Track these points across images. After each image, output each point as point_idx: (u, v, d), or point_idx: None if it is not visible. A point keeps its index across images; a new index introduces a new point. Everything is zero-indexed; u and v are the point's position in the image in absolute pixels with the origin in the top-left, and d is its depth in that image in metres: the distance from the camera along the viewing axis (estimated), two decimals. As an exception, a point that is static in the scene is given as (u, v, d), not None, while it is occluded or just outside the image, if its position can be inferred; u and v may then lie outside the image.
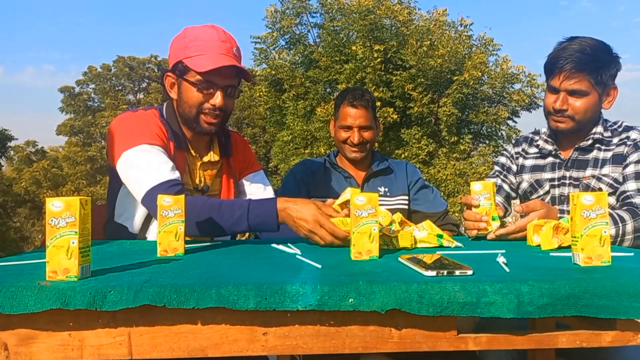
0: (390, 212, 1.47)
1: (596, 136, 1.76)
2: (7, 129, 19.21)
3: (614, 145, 1.75)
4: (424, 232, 1.39)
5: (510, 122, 12.94)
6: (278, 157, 12.74)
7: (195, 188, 1.72)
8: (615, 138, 1.76)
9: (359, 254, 1.16)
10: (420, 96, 11.46)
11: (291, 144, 12.29)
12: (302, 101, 12.23)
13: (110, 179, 1.74)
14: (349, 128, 2.18)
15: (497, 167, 2.01)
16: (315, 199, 1.46)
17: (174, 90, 1.68)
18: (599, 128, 1.77)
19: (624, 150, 1.72)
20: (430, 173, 11.24)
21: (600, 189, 1.71)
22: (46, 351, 0.88)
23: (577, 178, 1.77)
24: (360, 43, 11.51)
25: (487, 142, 12.94)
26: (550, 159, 1.86)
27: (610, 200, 1.70)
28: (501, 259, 1.07)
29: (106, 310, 0.86)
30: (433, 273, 0.94)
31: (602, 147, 1.76)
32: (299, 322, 0.89)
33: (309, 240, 1.40)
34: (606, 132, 1.77)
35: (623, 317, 0.89)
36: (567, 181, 1.79)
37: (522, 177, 1.91)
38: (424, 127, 11.84)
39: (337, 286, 0.87)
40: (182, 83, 1.64)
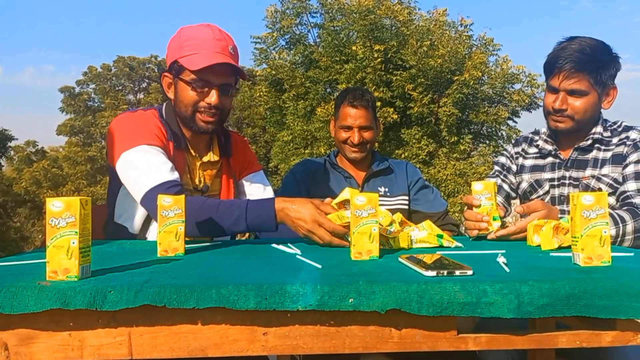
0: (391, 212, 1.47)
1: (596, 136, 1.76)
2: (7, 129, 19.25)
3: (613, 145, 1.75)
4: (424, 232, 1.39)
5: (510, 122, 12.96)
6: (278, 157, 12.74)
7: (195, 188, 1.72)
8: (615, 138, 1.76)
9: (359, 254, 1.16)
10: (421, 96, 11.46)
11: (291, 144, 12.30)
12: (302, 101, 12.24)
13: (110, 179, 1.74)
14: (349, 128, 2.18)
15: (497, 167, 2.01)
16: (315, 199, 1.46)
17: (171, 90, 1.68)
18: (599, 128, 1.77)
19: (623, 150, 1.72)
20: (430, 173, 11.24)
21: (600, 189, 1.71)
22: (46, 351, 0.88)
23: (576, 178, 1.77)
24: (360, 43, 11.52)
25: (487, 142, 12.95)
26: (550, 159, 1.86)
27: (610, 200, 1.69)
28: (501, 259, 1.07)
29: (106, 310, 0.86)
30: (433, 273, 0.94)
31: (602, 147, 1.76)
32: (299, 322, 0.89)
33: (308, 239, 1.40)
34: (606, 132, 1.77)
35: (623, 317, 0.89)
36: (567, 181, 1.79)
37: (521, 177, 1.91)
38: (424, 127, 11.84)
39: (337, 286, 0.87)
40: (178, 82, 1.64)
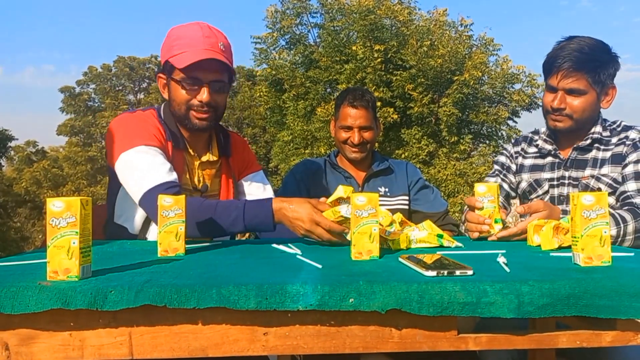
0: (391, 212, 1.47)
1: (595, 136, 1.76)
2: (7, 129, 19.29)
3: (612, 145, 1.75)
4: (424, 232, 1.39)
5: (510, 122, 12.98)
6: (278, 157, 12.75)
7: (194, 188, 1.71)
8: (614, 138, 1.76)
9: (360, 254, 1.16)
10: (421, 96, 11.47)
11: (291, 144, 12.30)
12: (302, 101, 12.24)
13: (109, 179, 1.73)
14: (349, 128, 2.18)
15: (496, 166, 2.01)
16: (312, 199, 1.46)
17: (166, 90, 1.69)
18: (598, 128, 1.77)
19: (623, 150, 1.72)
20: (430, 173, 11.25)
21: (599, 189, 1.71)
22: (47, 351, 0.88)
23: (576, 178, 1.77)
24: (360, 43, 11.53)
25: (487, 142, 12.96)
26: (549, 159, 1.86)
27: (610, 200, 1.69)
28: (501, 259, 1.07)
29: (107, 310, 0.86)
30: (433, 273, 0.94)
31: (601, 147, 1.76)
32: (299, 322, 0.89)
33: (308, 239, 1.40)
34: (605, 132, 1.77)
35: (623, 317, 0.89)
36: (566, 181, 1.79)
37: (521, 177, 1.91)
38: (424, 127, 11.85)
39: (338, 286, 0.87)
40: (171, 82, 1.64)
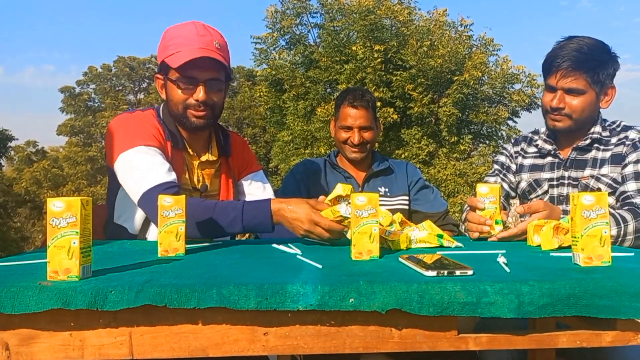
0: (391, 213, 1.47)
1: (594, 136, 1.76)
2: (7, 129, 19.31)
3: (612, 145, 1.75)
4: (425, 232, 1.39)
5: (510, 123, 12.98)
6: (278, 158, 12.75)
7: (194, 188, 1.72)
8: (614, 138, 1.76)
9: (360, 254, 1.16)
10: (421, 96, 11.47)
11: (291, 144, 12.30)
12: (302, 101, 12.24)
13: (109, 180, 1.73)
14: (349, 128, 2.18)
15: (496, 166, 2.01)
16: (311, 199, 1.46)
17: (164, 91, 1.69)
18: (597, 128, 1.77)
19: (622, 150, 1.72)
20: (430, 173, 11.24)
21: (599, 189, 1.71)
22: (47, 351, 0.88)
23: (575, 178, 1.77)
24: (360, 43, 11.52)
25: (487, 142, 12.96)
26: (549, 159, 1.86)
27: (610, 201, 1.69)
28: (501, 259, 1.07)
29: (107, 310, 0.86)
30: (433, 273, 0.94)
31: (601, 147, 1.76)
32: (299, 322, 0.89)
33: (307, 239, 1.40)
34: (604, 132, 1.77)
35: (623, 317, 0.89)
36: (566, 181, 1.79)
37: (521, 177, 1.91)
38: (424, 127, 11.84)
39: (338, 286, 0.87)
40: (167, 82, 1.64)
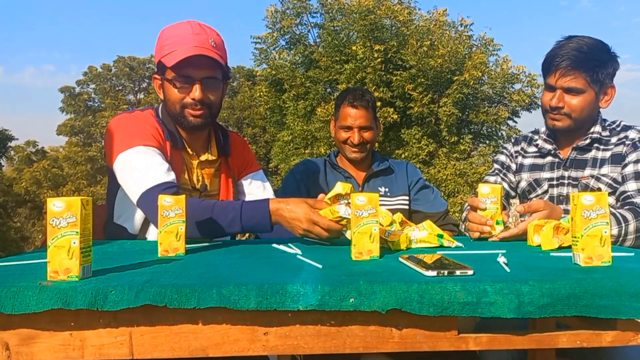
0: (391, 212, 1.47)
1: (594, 135, 1.76)
2: (7, 129, 19.32)
3: (612, 145, 1.75)
4: (425, 232, 1.39)
5: (510, 122, 12.98)
6: (278, 157, 12.75)
7: (194, 187, 1.71)
8: (614, 137, 1.76)
9: (360, 254, 1.16)
10: (421, 96, 11.47)
11: (291, 144, 12.30)
12: (302, 101, 12.24)
13: (108, 180, 1.73)
14: (349, 128, 2.18)
15: (496, 165, 2.01)
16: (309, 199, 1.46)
17: (161, 91, 1.69)
18: (597, 127, 1.77)
19: (622, 149, 1.72)
20: (430, 173, 11.25)
21: (599, 189, 1.71)
22: (47, 351, 0.88)
23: (575, 178, 1.77)
24: (360, 43, 11.52)
25: (487, 142, 12.96)
26: (549, 159, 1.86)
27: (610, 200, 1.69)
28: (502, 259, 1.07)
29: (107, 310, 0.86)
30: (434, 273, 0.94)
31: (601, 147, 1.76)
32: (299, 322, 0.89)
33: (307, 239, 1.40)
34: (604, 132, 1.77)
35: (623, 317, 0.89)
36: (566, 181, 1.79)
37: (520, 176, 1.91)
38: (424, 127, 11.84)
39: (338, 286, 0.87)
40: (164, 82, 1.64)
